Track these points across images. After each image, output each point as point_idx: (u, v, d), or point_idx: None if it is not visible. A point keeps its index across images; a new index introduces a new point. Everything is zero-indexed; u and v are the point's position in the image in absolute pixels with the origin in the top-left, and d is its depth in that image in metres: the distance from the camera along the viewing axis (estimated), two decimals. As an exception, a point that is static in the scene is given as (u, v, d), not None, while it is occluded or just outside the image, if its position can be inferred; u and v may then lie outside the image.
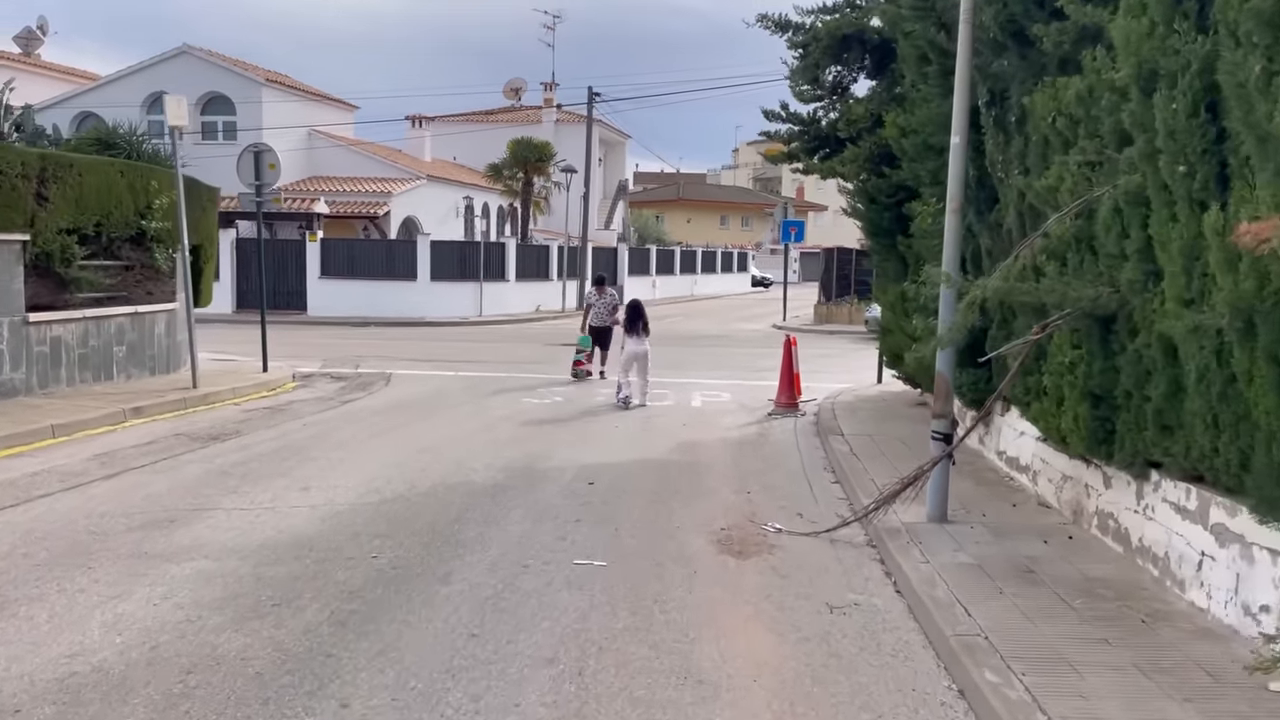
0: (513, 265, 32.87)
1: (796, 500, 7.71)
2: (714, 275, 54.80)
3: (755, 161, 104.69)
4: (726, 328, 29.67)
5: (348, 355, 19.28)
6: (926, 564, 5.61)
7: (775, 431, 11.13)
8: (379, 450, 9.36)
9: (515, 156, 37.47)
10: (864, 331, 26.00)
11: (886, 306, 11.85)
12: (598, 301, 16.01)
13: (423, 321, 29.18)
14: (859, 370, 17.85)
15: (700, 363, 18.84)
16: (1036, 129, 6.35)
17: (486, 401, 13.08)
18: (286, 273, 31.08)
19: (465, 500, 7.39)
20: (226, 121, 36.15)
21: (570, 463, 8.93)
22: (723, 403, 13.57)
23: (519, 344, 22.95)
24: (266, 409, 12.02)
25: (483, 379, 15.76)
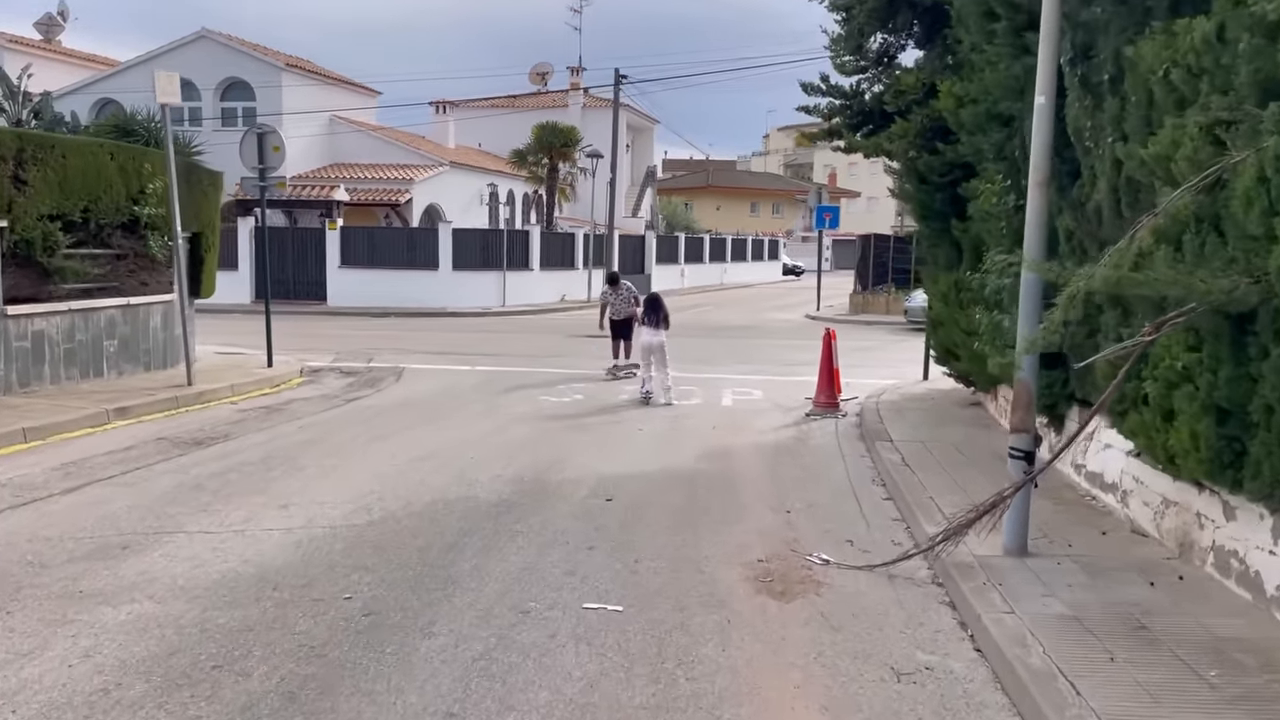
0: (537, 254, 31.96)
1: (844, 522, 6.71)
2: (744, 263, 53.64)
3: (786, 147, 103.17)
4: (758, 318, 28.61)
5: (362, 348, 18.45)
6: (1011, 614, 4.60)
7: (815, 436, 10.11)
8: (376, 458, 8.45)
9: (540, 142, 36.52)
10: (903, 322, 24.90)
11: (937, 297, 10.78)
12: (614, 298, 15.02)
13: (444, 312, 28.36)
14: (901, 364, 16.77)
15: (730, 356, 17.83)
16: (1139, 86, 5.29)
17: (501, 400, 12.16)
18: (306, 262, 30.38)
19: (464, 521, 6.45)
20: (246, 107, 35.46)
21: (587, 473, 7.98)
22: (755, 401, 12.57)
23: (541, 335, 22.03)
24: (264, 408, 11.16)
25: (500, 374, 14.85)
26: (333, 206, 31.12)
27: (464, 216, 37.76)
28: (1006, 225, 7.73)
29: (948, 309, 10.47)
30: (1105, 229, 5.92)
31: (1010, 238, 7.75)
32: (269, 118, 34.37)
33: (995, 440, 9.07)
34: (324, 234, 30.14)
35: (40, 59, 38.01)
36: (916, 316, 23.98)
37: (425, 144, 40.46)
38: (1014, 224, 7.69)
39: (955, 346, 10.40)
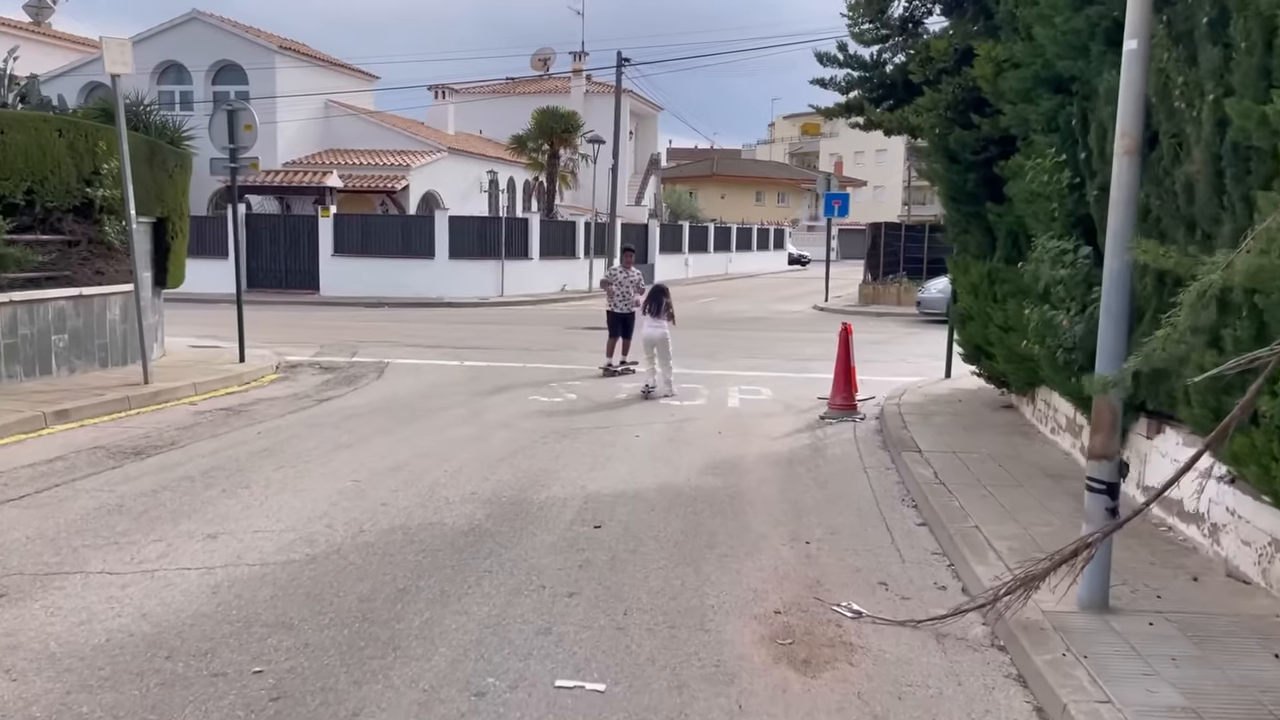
0: (536, 242, 30.91)
1: (874, 556, 5.67)
2: (749, 253, 52.55)
3: (792, 136, 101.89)
4: (764, 309, 27.54)
5: (349, 341, 17.43)
6: (1108, 704, 3.55)
7: (832, 443, 9.06)
8: (337, 471, 7.43)
9: (540, 127, 35.39)
10: (916, 314, 23.84)
11: (966, 289, 9.72)
12: (623, 277, 13.85)
13: (440, 302, 27.34)
14: (918, 360, 15.73)
15: (736, 350, 16.77)
16: (1252, 30, 4.23)
17: (487, 400, 11.13)
18: (299, 250, 29.37)
19: (423, 557, 5.42)
20: (239, 91, 34.37)
21: (574, 491, 6.95)
22: (764, 401, 11.52)
23: (538, 327, 21.00)
24: (224, 410, 10.13)
25: (490, 370, 13.83)
26: (325, 193, 30.07)
27: (463, 204, 36.71)
28: (1059, 207, 6.67)
29: (978, 302, 9.41)
30: (1200, 207, 4.86)
31: (1064, 221, 6.70)
32: (262, 102, 33.34)
33: (1038, 452, 8.02)
34: (316, 221, 29.11)
35: (29, 42, 37.00)
36: (930, 308, 22.93)
37: (423, 130, 39.39)
38: (1068, 205, 6.64)
39: (987, 344, 9.34)
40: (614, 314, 13.79)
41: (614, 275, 13.95)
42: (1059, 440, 8.15)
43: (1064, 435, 8.00)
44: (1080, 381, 6.34)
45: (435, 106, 42.75)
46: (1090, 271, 6.22)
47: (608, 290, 13.79)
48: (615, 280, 13.82)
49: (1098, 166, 6.12)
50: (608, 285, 13.85)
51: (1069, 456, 7.74)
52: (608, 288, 13.82)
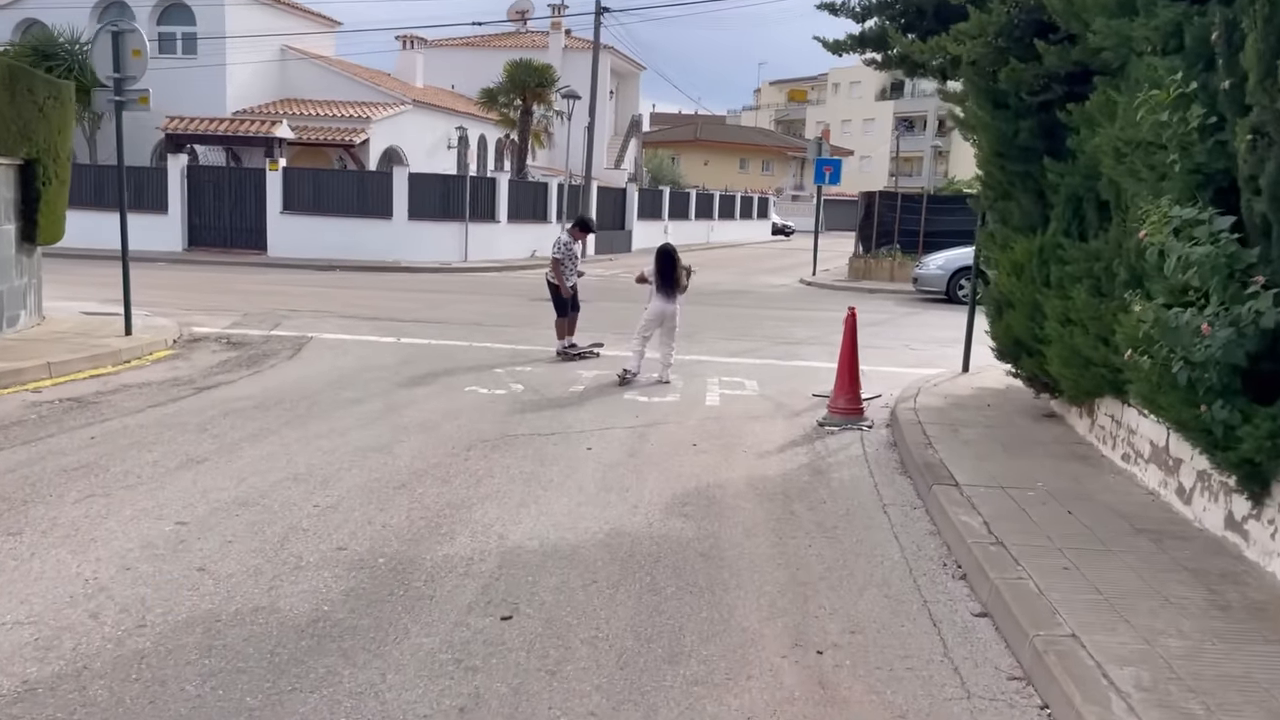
0: (504, 204, 28.69)
1: (922, 679, 3.73)
2: (732, 221, 50.45)
3: (778, 102, 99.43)
4: (747, 281, 25.53)
5: (278, 309, 15.32)
6: None
7: (837, 463, 7.10)
8: (164, 504, 5.40)
9: (512, 80, 33.02)
10: (912, 291, 21.91)
11: (1007, 269, 7.72)
12: (576, 250, 11.97)
13: (397, 266, 25.17)
14: (922, 346, 13.81)
15: (717, 329, 14.79)
16: None
17: (413, 392, 9.10)
18: (245, 207, 27.03)
19: (212, 687, 3.42)
20: (186, 33, 31.83)
21: (487, 545, 4.96)
22: (749, 398, 9.55)
23: (499, 297, 18.94)
24: (70, 401, 8.05)
25: (430, 349, 11.79)
26: (274, 144, 27.69)
27: (429, 162, 34.39)
28: (1181, 159, 4.69)
29: (1023, 286, 7.45)
30: None
31: (1185, 180, 4.72)
32: (209, 43, 30.89)
33: (1111, 488, 6.08)
34: (264, 176, 26.75)
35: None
36: (928, 286, 21.02)
37: (389, 81, 36.95)
38: (1195, 156, 4.66)
39: (1034, 339, 7.39)
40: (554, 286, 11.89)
41: (568, 248, 11.85)
42: (1137, 473, 6.22)
43: (1146, 468, 6.07)
44: (1211, 411, 4.40)
45: (403, 56, 40.22)
46: (1236, 253, 4.27)
47: (560, 265, 11.76)
48: (570, 254, 11.80)
49: (1256, 98, 4.14)
50: (560, 261, 11.79)
51: (1156, 499, 5.81)
52: (561, 264, 11.78)
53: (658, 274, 10.38)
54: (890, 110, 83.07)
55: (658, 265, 10.41)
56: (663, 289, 10.37)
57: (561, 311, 11.86)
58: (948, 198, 28.45)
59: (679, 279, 10.45)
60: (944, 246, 22.60)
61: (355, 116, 31.74)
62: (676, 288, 10.43)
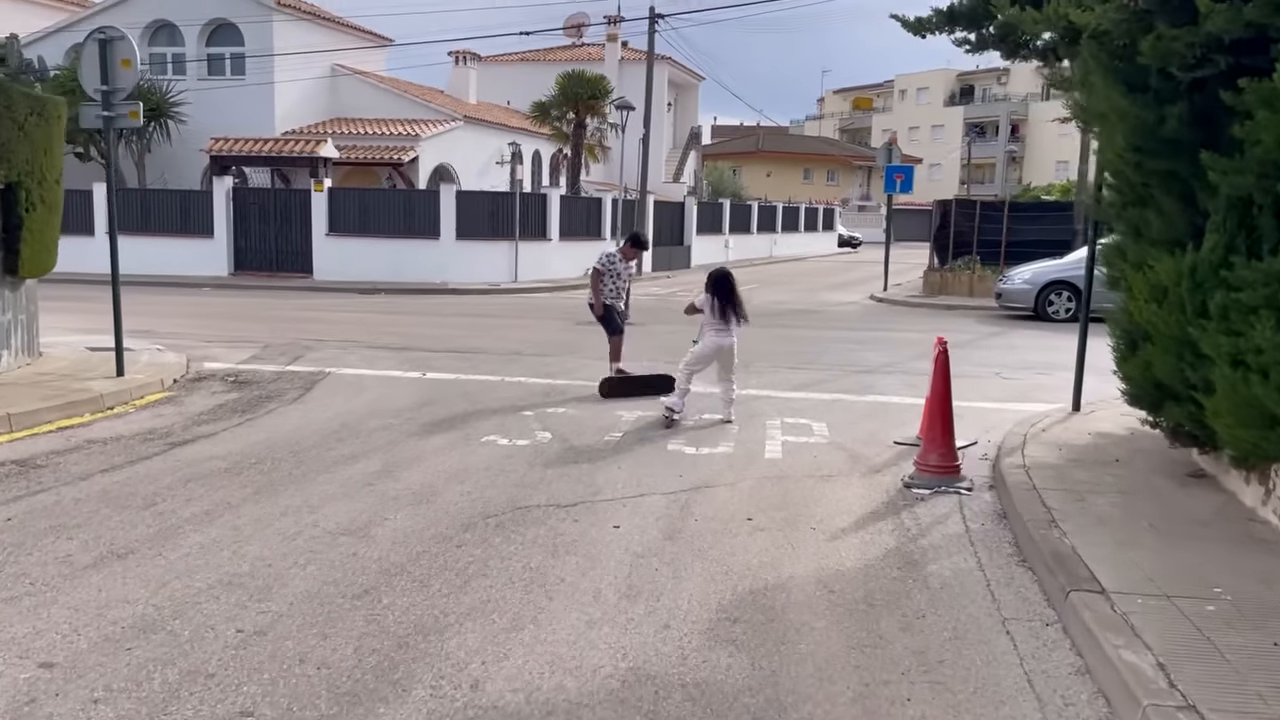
0: (555, 221, 27.48)
1: None
2: (796, 234, 48.68)
3: (842, 111, 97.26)
4: (813, 299, 23.91)
5: (305, 338, 14.24)
6: None
7: (933, 549, 5.54)
8: (46, 627, 4.10)
9: (565, 93, 31.86)
10: (995, 308, 20.09)
11: (1145, 294, 6.10)
12: (622, 269, 10.70)
13: (444, 288, 24.11)
14: (1015, 374, 12.13)
15: (779, 357, 13.26)
16: None
17: (421, 444, 7.77)
18: (290, 229, 26.26)
19: None
20: (234, 53, 31.33)
21: (447, 709, 3.55)
22: (818, 447, 8.03)
23: (544, 321, 17.65)
24: (11, 464, 6.85)
25: (456, 385, 10.51)
26: (319, 164, 26.88)
27: (480, 179, 33.48)
28: None
29: (1168, 315, 5.83)
30: None
31: None
32: (257, 63, 30.32)
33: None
34: (309, 197, 25.93)
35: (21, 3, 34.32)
36: (1014, 301, 19.19)
37: (441, 98, 36.13)
38: None
39: (1186, 384, 5.78)
40: (610, 307, 10.67)
41: (612, 262, 10.62)
42: (1353, 571, 4.58)
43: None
44: None
45: (456, 73, 39.44)
46: None
47: (600, 279, 10.48)
48: (613, 269, 10.52)
49: None
50: (601, 275, 10.50)
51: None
52: (601, 278, 10.49)
53: (713, 302, 8.94)
54: (960, 116, 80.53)
55: (712, 292, 8.98)
56: (718, 320, 8.94)
57: (609, 328, 10.61)
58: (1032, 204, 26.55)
59: (738, 307, 9.00)
60: (1028, 258, 20.76)
61: (404, 134, 30.90)
62: (735, 317, 9.00)
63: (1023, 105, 79.77)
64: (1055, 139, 76.78)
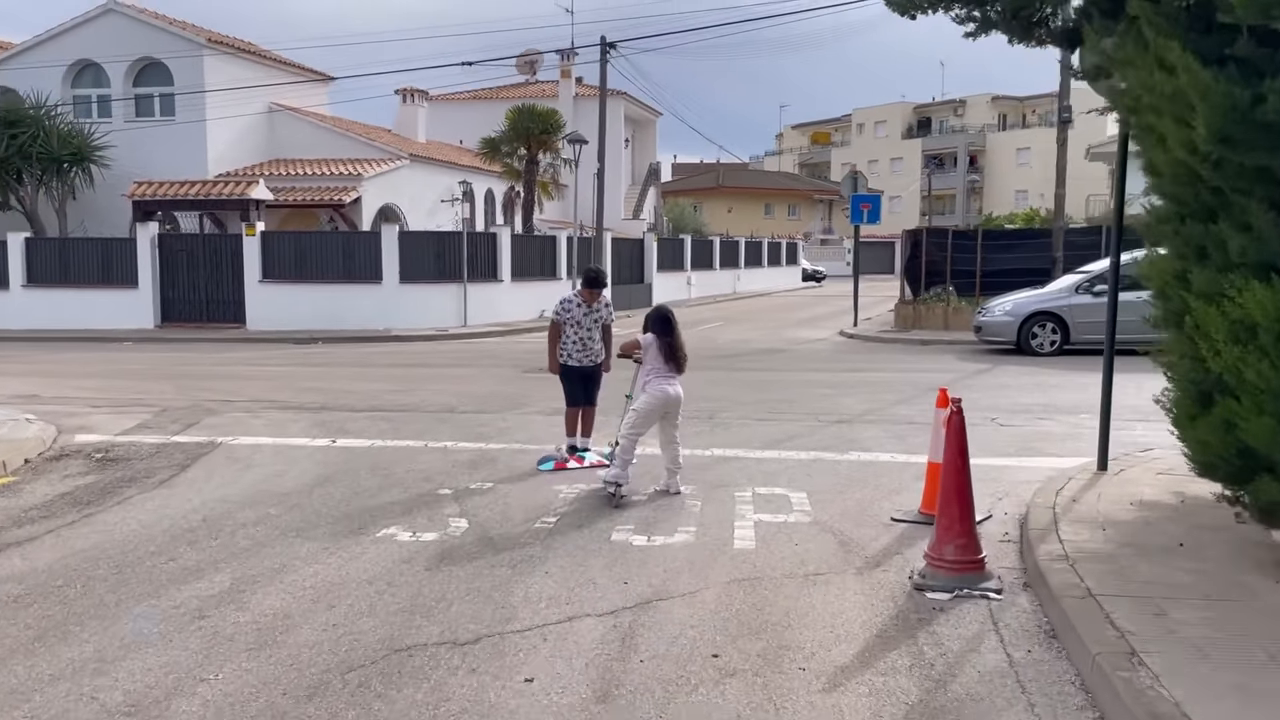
0: (507, 261, 25.92)
1: None
2: (760, 269, 47.47)
3: (801, 146, 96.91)
4: (780, 336, 22.48)
5: (213, 399, 12.55)
6: None
7: (974, 707, 3.95)
8: None
9: (515, 128, 30.48)
10: (974, 342, 18.74)
11: (1224, 333, 4.61)
12: (582, 314, 8.64)
13: (386, 335, 22.42)
14: (1011, 418, 10.68)
15: (748, 406, 11.73)
16: None
17: (293, 546, 6.10)
18: (221, 276, 24.51)
19: None
20: (163, 93, 29.65)
21: None
22: (799, 530, 6.46)
23: (487, 370, 16.04)
24: None
25: (369, 455, 8.87)
26: (250, 207, 25.15)
27: (429, 220, 31.91)
28: None
29: (1263, 361, 4.35)
30: None
31: None
32: (188, 101, 28.64)
33: None
34: (241, 241, 24.20)
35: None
36: (994, 335, 17.83)
37: (385, 136, 34.61)
38: None
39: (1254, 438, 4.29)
40: (571, 369, 8.73)
41: (568, 309, 8.65)
42: None
43: None
44: None
45: (404, 111, 37.97)
46: None
47: (557, 332, 8.70)
48: (571, 317, 8.68)
49: None
50: (559, 326, 8.72)
51: None
52: (559, 330, 8.71)
53: (657, 344, 7.41)
54: (918, 148, 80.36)
55: (656, 333, 7.45)
56: (664, 365, 7.39)
57: (571, 399, 8.79)
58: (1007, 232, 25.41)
59: (680, 350, 7.47)
60: (1005, 288, 19.52)
61: (346, 174, 29.33)
62: (680, 362, 7.47)
63: (980, 136, 79.79)
64: (1013, 168, 76.74)
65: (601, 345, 8.71)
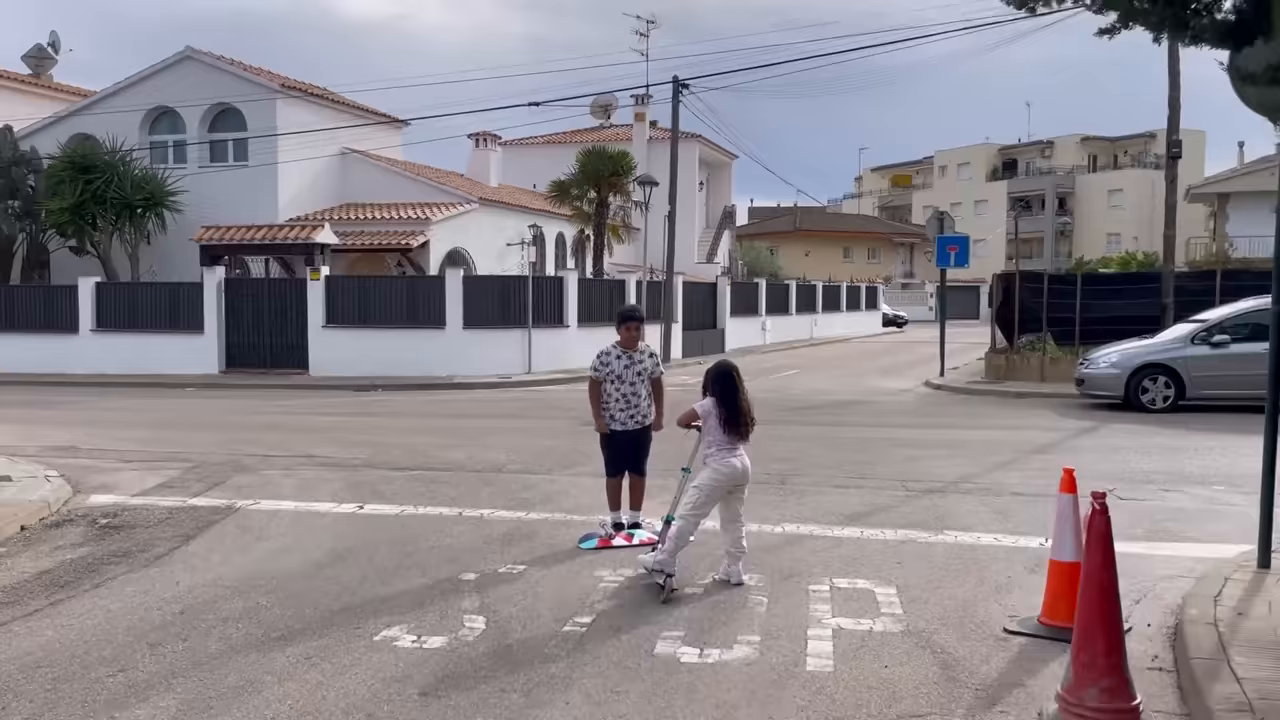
0: (573, 306, 25.06)
1: None
2: (838, 314, 45.93)
3: (881, 189, 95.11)
4: (860, 386, 21.09)
5: (251, 454, 11.83)
6: None
7: None
8: None
9: (585, 170, 29.85)
10: (1074, 395, 17.13)
11: None
12: (625, 370, 7.44)
13: (448, 383, 21.66)
14: (1133, 491, 9.23)
15: (824, 469, 10.48)
16: None
17: (268, 656, 5.08)
18: (285, 321, 24.11)
19: None
20: (238, 140, 29.72)
21: None
22: (888, 644, 5.22)
23: (547, 421, 15.05)
24: None
25: (394, 523, 7.90)
26: (315, 251, 24.80)
27: (499, 265, 31.33)
28: None
29: None
30: None
31: None
32: (263, 147, 28.64)
33: None
34: (305, 286, 23.82)
35: (27, 95, 33.27)
36: (1100, 389, 16.24)
37: (458, 181, 34.29)
38: None
39: None
40: (615, 434, 7.55)
41: (605, 362, 7.50)
42: None
43: None
44: None
45: (476, 155, 37.75)
46: None
47: (597, 389, 7.60)
48: (610, 371, 7.51)
49: None
50: (599, 384, 7.58)
51: None
52: (600, 387, 7.60)
53: (719, 411, 6.27)
54: (1003, 190, 78.01)
55: (717, 396, 6.31)
56: (726, 434, 6.25)
57: (613, 467, 7.61)
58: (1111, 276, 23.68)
59: (746, 414, 6.31)
60: (1107, 337, 17.90)
61: (415, 218, 28.91)
62: (746, 429, 6.32)
63: (1069, 178, 77.21)
64: (1105, 211, 73.85)
65: (650, 403, 7.58)
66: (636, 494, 7.66)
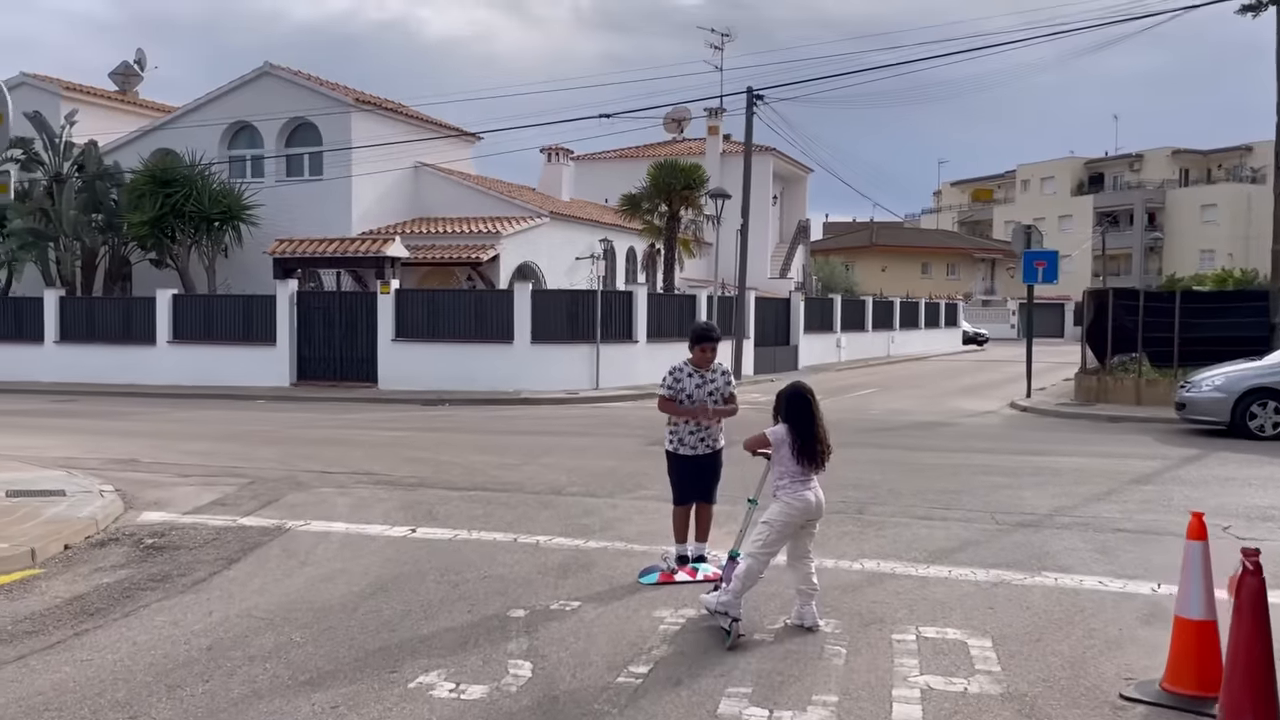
0: (643, 321, 24.61)
1: None
2: (916, 331, 44.67)
3: (960, 203, 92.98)
4: (941, 407, 20.16)
5: (311, 468, 11.58)
6: None
7: None
8: None
9: (657, 184, 29.41)
10: (1173, 420, 16.07)
11: None
12: (696, 389, 6.83)
13: (516, 398, 21.34)
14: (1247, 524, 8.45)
15: (905, 497, 9.76)
16: None
17: (290, 703, 4.64)
18: (355, 334, 24.12)
19: None
20: (314, 154, 29.98)
21: None
22: (984, 709, 4.56)
23: (613, 440, 14.57)
24: None
25: (446, 550, 7.47)
26: (385, 264, 24.76)
27: (568, 279, 31.05)
28: None
29: None
30: None
31: None
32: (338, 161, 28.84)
33: None
34: (375, 300, 23.79)
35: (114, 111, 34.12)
36: (1203, 414, 15.14)
37: (529, 195, 34.15)
38: None
39: None
40: (682, 459, 7.01)
41: (678, 380, 6.88)
42: None
43: None
44: None
45: (548, 170, 37.62)
46: None
47: (673, 405, 7.01)
48: (682, 390, 6.90)
49: None
50: (671, 401, 6.90)
51: None
52: (671, 405, 6.96)
53: (791, 440, 5.68)
54: (1089, 205, 75.55)
55: (790, 423, 5.72)
56: (799, 465, 5.65)
57: (680, 496, 7.05)
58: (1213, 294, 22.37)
59: (822, 442, 5.70)
60: (1208, 358, 16.79)
61: (485, 232, 28.78)
62: (822, 457, 5.71)
63: (1159, 192, 74.40)
64: (1197, 226, 70.92)
65: (722, 426, 7.02)
66: (703, 523, 7.09)
